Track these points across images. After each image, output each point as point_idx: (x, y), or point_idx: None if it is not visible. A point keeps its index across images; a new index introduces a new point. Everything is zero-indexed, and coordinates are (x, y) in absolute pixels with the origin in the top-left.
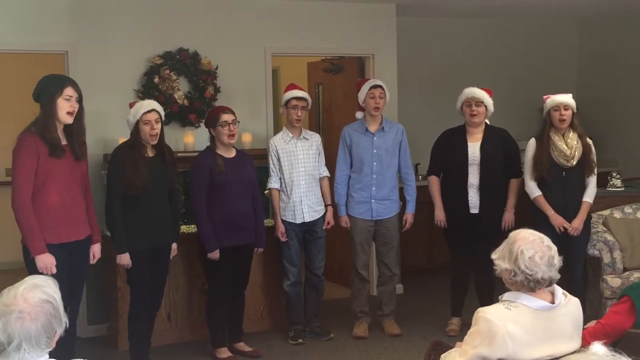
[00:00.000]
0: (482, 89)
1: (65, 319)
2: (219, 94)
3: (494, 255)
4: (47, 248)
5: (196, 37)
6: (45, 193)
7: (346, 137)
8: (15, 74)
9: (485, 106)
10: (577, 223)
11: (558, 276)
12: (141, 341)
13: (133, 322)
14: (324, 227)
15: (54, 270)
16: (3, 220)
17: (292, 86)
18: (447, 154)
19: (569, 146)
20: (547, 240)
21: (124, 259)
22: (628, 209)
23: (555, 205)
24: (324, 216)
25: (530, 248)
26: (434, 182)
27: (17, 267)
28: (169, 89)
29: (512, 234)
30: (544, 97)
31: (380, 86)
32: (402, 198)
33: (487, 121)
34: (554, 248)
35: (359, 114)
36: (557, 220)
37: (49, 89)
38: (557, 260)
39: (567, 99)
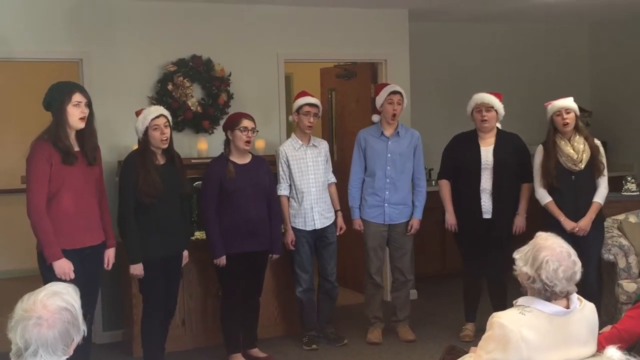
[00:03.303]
0: (492, 93)
1: (83, 327)
2: (232, 100)
3: (516, 255)
4: (62, 254)
5: (209, 44)
6: (59, 200)
7: (361, 140)
8: (30, 83)
9: (496, 111)
10: (584, 223)
11: (575, 290)
12: (155, 348)
13: (147, 328)
14: (337, 233)
15: (72, 276)
16: (14, 228)
17: (304, 93)
18: (459, 159)
19: (575, 150)
20: (574, 255)
21: (137, 270)
22: None
23: (567, 209)
24: (335, 222)
25: (556, 260)
26: (445, 186)
27: (31, 274)
28: (183, 95)
29: (540, 239)
30: (545, 104)
31: (399, 93)
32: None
33: (498, 125)
34: (579, 264)
35: (375, 117)
36: (569, 225)
37: (57, 97)
38: (578, 276)
39: (567, 102)
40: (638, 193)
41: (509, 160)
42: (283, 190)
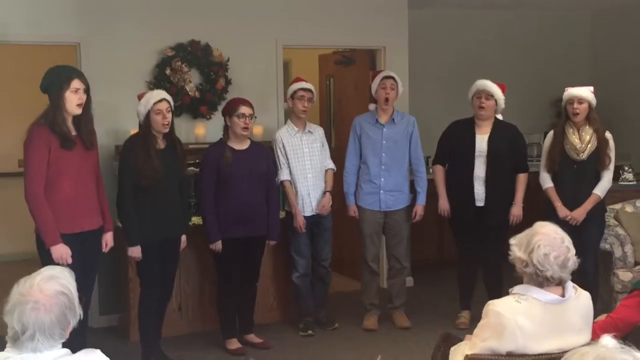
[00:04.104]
0: (496, 83)
1: (79, 311)
2: (230, 86)
3: (512, 240)
4: (61, 238)
5: (208, 29)
6: (58, 184)
7: (356, 127)
8: (28, 66)
9: (496, 100)
10: (578, 213)
11: (569, 277)
12: (152, 332)
13: (143, 313)
14: (317, 210)
15: (70, 261)
16: (11, 212)
17: (298, 79)
18: (454, 145)
19: (581, 140)
20: (567, 241)
21: (136, 252)
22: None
23: (565, 197)
24: (322, 202)
25: (548, 245)
26: (439, 171)
27: (29, 257)
28: (181, 80)
29: (537, 225)
30: (566, 88)
31: (392, 77)
32: (413, 190)
33: (498, 116)
34: (573, 250)
35: (371, 106)
36: (563, 212)
37: (56, 82)
38: (572, 263)
39: (582, 92)
40: (635, 183)
41: (504, 150)
42: (284, 175)
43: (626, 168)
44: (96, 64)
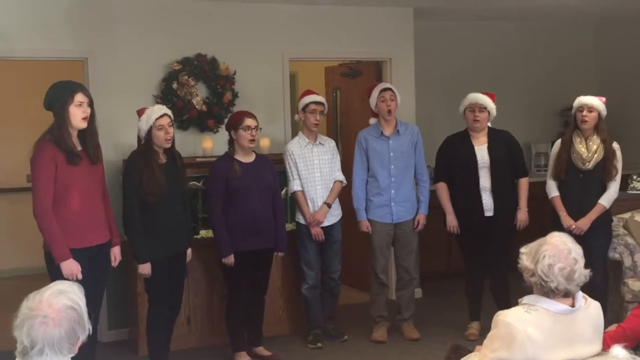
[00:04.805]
0: (485, 93)
1: (88, 326)
2: (237, 99)
3: (523, 249)
4: (70, 254)
5: (214, 43)
6: (67, 200)
7: (362, 141)
8: (36, 81)
9: (488, 111)
10: (583, 223)
11: (577, 289)
12: (161, 346)
13: (152, 328)
14: (308, 220)
15: (80, 276)
16: (19, 227)
17: (309, 92)
18: (455, 160)
19: (588, 149)
20: (576, 253)
21: (146, 269)
22: None
23: (570, 206)
24: (341, 220)
25: (554, 256)
26: (443, 189)
27: (38, 272)
28: (187, 94)
29: (549, 235)
30: (578, 97)
31: (389, 89)
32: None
33: (489, 124)
34: (581, 263)
35: (372, 120)
36: (567, 222)
37: (59, 97)
38: (579, 275)
39: (592, 100)
40: None
41: (504, 158)
42: (296, 185)
43: (634, 177)
44: (103, 78)
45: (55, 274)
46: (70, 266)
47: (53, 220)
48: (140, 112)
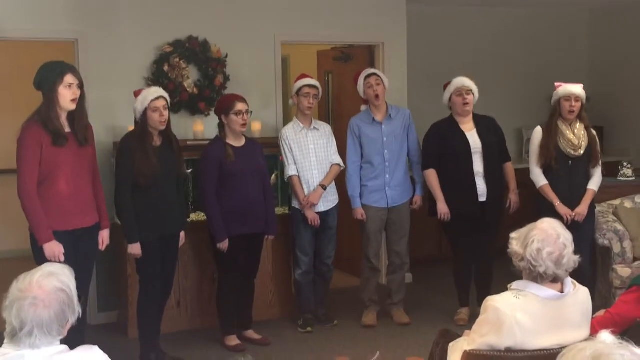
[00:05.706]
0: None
1: (78, 309)
2: (228, 82)
3: (513, 234)
4: (54, 236)
5: (206, 25)
6: (52, 182)
7: (354, 128)
8: (26, 62)
9: (473, 94)
10: (582, 209)
11: (565, 275)
12: (151, 329)
13: (143, 310)
14: (303, 203)
15: (62, 258)
16: (10, 208)
17: (303, 75)
18: (446, 146)
19: (576, 136)
20: (565, 239)
21: (135, 249)
22: (638, 199)
23: (561, 194)
24: (337, 206)
25: (543, 241)
26: (433, 176)
27: (28, 254)
28: (179, 77)
29: (539, 221)
30: (556, 84)
31: (374, 74)
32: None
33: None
34: (570, 248)
35: (363, 107)
36: (563, 210)
37: (49, 77)
38: (569, 260)
39: (579, 90)
40: (634, 178)
41: (493, 142)
42: (292, 170)
43: (625, 164)
44: (94, 60)
45: (39, 256)
46: (53, 248)
47: (36, 202)
48: (137, 93)
